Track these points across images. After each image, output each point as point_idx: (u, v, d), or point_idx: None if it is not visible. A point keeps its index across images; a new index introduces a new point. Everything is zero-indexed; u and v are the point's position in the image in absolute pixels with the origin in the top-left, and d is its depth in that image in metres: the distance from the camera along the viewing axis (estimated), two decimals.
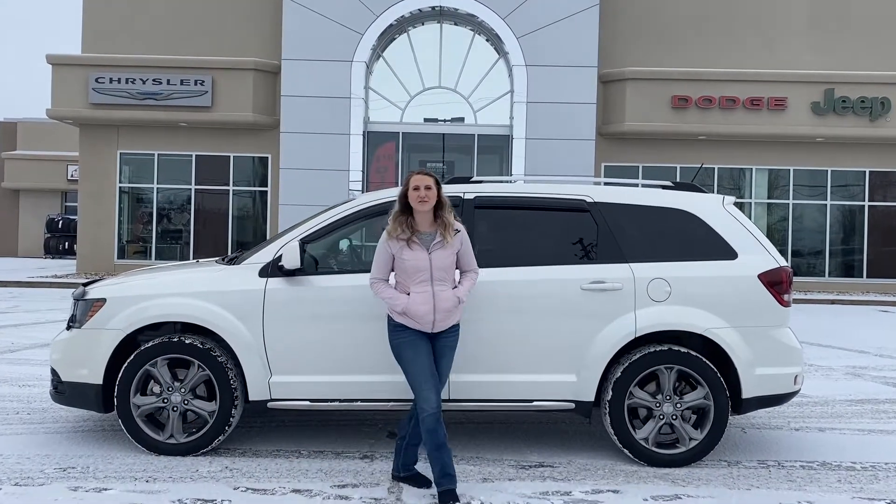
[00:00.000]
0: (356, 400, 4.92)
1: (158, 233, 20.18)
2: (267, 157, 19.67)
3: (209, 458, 4.88)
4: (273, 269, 4.91)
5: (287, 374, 4.89)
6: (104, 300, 4.99)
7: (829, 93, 18.81)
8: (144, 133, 19.60)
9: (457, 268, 4.39)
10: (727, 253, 5.04)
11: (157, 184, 20.01)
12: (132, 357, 4.88)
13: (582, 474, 4.73)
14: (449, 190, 4.89)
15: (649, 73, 18.89)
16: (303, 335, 4.87)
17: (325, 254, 5.38)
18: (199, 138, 19.63)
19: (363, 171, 18.88)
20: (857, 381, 7.89)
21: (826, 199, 19.92)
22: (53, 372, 5.14)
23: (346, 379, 4.89)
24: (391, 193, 5.24)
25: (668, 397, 4.89)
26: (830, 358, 9.31)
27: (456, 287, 4.33)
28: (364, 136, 18.87)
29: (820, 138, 19.18)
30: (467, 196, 5.06)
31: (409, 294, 4.24)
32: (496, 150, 19.51)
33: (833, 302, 17.20)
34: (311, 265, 4.98)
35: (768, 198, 20.01)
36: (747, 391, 4.93)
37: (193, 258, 19.03)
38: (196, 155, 19.80)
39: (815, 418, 6.27)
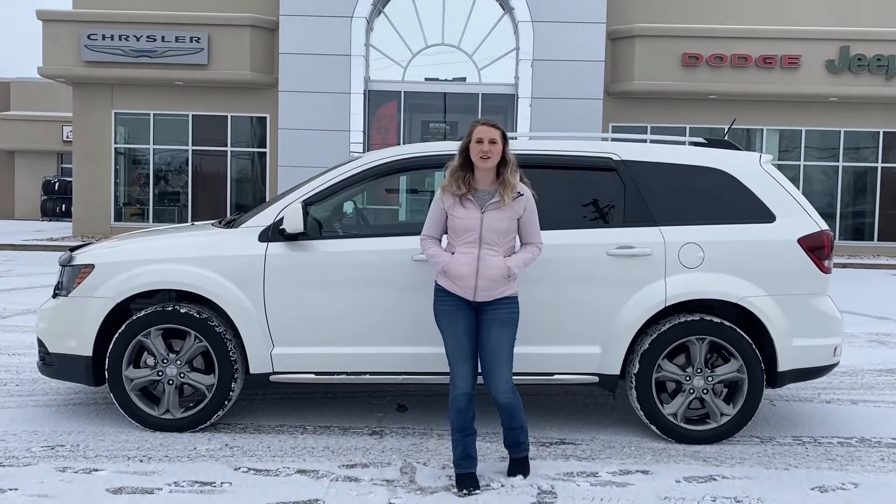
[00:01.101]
0: (364, 373, 4.60)
1: (156, 195, 19.75)
2: (265, 117, 19.16)
3: (208, 434, 4.57)
4: (274, 233, 4.56)
5: (290, 345, 4.56)
6: (92, 266, 4.64)
7: (844, 50, 18.23)
8: (139, 92, 19.06)
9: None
10: (764, 215, 4.67)
11: (154, 144, 19.53)
12: (123, 327, 4.55)
13: (607, 452, 4.43)
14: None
15: (659, 29, 18.28)
16: (306, 304, 4.52)
17: (329, 216, 5.01)
18: (196, 97, 19.08)
19: (364, 132, 18.37)
20: (882, 350, 7.59)
21: (838, 161, 19.47)
22: (40, 343, 4.82)
23: (354, 350, 4.56)
24: (399, 151, 4.90)
25: (698, 370, 4.56)
26: (851, 324, 8.96)
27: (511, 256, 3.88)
28: (365, 95, 18.32)
29: (833, 97, 18.65)
30: None
31: (453, 254, 3.85)
32: (501, 109, 18.96)
33: (844, 265, 16.85)
34: (314, 229, 4.60)
35: (779, 159, 19.50)
36: (784, 364, 4.60)
37: (192, 221, 18.65)
38: (192, 115, 19.28)
39: (845, 389, 5.97)
